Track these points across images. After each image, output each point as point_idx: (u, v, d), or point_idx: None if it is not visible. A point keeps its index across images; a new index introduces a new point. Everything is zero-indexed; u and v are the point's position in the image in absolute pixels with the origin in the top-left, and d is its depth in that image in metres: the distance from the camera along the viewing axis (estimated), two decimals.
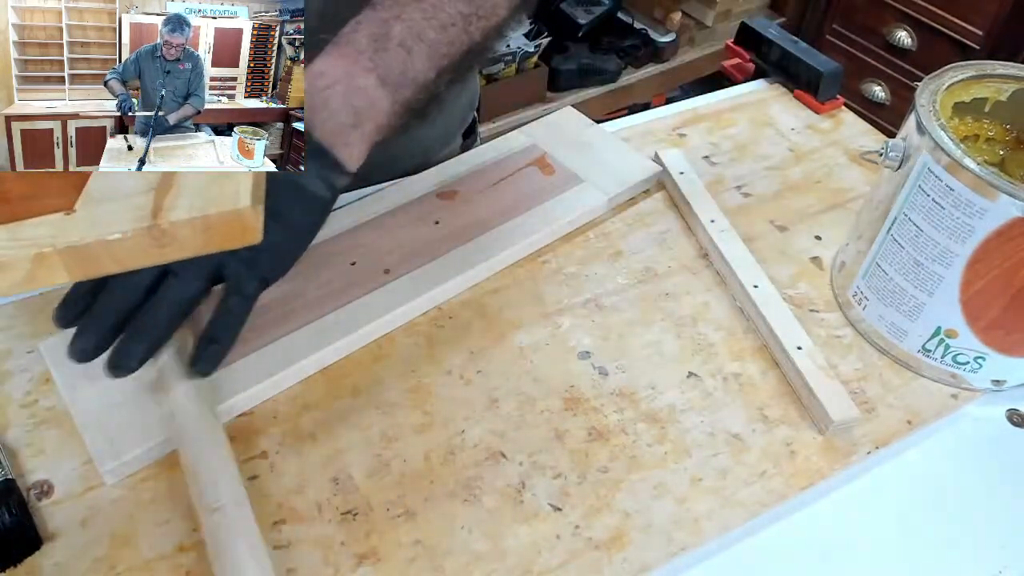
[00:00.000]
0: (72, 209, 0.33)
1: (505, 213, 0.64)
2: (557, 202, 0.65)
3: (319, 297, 0.56)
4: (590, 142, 0.71)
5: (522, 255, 0.63)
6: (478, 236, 0.62)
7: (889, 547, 0.48)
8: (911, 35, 1.83)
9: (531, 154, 0.70)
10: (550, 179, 0.67)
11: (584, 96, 1.90)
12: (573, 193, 0.66)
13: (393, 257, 0.60)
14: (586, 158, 0.69)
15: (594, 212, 0.66)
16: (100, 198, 0.33)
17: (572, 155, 0.69)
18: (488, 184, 0.67)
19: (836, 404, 0.51)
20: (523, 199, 0.65)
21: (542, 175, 0.68)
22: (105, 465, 0.47)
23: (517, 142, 0.71)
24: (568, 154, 0.69)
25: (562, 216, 0.64)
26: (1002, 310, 0.51)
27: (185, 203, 0.34)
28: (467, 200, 0.65)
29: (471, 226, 0.63)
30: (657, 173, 0.69)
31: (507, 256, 0.62)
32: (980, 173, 0.47)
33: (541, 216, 0.64)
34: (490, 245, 0.61)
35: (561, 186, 0.66)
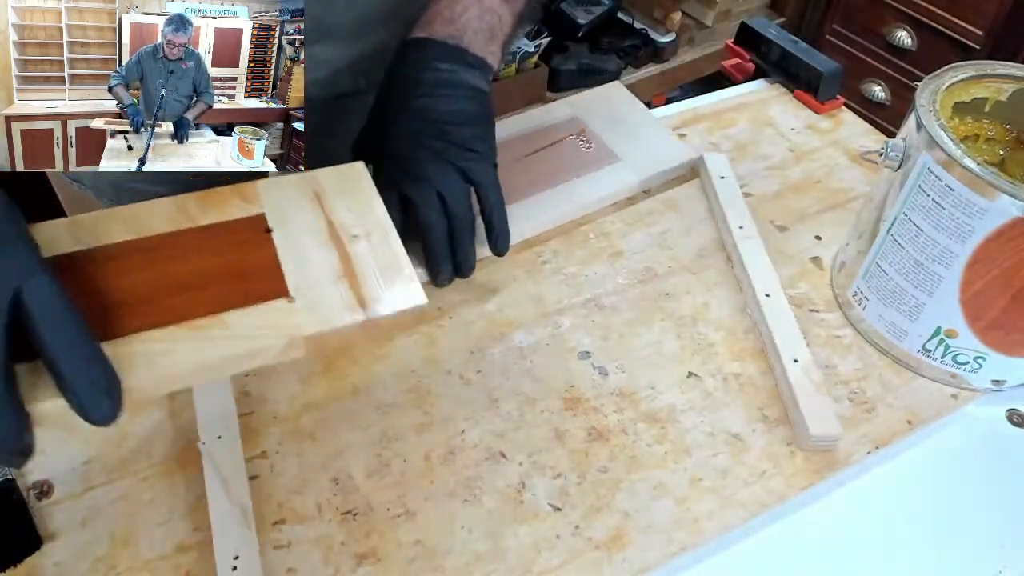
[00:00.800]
0: (291, 298, 0.40)
1: (536, 184, 0.66)
2: (590, 179, 0.67)
3: None
4: (632, 120, 0.72)
5: (549, 227, 0.65)
6: (511, 205, 0.62)
7: (889, 547, 0.48)
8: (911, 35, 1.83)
9: (571, 127, 0.71)
10: (587, 153, 0.69)
11: None
12: (607, 171, 0.67)
13: None
14: (625, 136, 0.70)
15: (626, 192, 0.67)
16: (304, 284, 0.40)
17: (611, 131, 0.70)
18: (524, 153, 0.68)
19: (818, 419, 0.51)
20: (557, 172, 0.67)
21: (580, 148, 0.69)
22: None
23: (559, 113, 0.72)
24: (607, 130, 0.70)
25: (593, 193, 0.66)
26: (1002, 310, 0.51)
27: (385, 297, 0.41)
28: (503, 167, 0.65)
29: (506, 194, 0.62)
30: (693, 160, 0.70)
31: (531, 228, 0.63)
32: (980, 173, 0.47)
33: (572, 192, 0.66)
34: (517, 215, 0.62)
35: (596, 162, 0.68)
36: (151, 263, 0.40)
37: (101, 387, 0.34)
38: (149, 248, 0.40)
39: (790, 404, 0.53)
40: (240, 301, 0.39)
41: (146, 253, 0.40)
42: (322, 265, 0.42)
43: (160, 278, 0.39)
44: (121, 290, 0.38)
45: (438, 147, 0.55)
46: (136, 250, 0.40)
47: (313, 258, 0.42)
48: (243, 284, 0.40)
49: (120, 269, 0.39)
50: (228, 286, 0.39)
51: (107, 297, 0.37)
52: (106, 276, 0.38)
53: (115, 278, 0.38)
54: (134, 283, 0.39)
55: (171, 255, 0.40)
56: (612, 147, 0.69)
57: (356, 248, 0.43)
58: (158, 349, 0.36)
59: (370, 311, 0.40)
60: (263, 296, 0.39)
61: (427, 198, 0.55)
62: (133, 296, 0.38)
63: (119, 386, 0.34)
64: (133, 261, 0.40)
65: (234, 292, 0.39)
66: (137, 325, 0.37)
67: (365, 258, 0.43)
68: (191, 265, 0.40)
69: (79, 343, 0.33)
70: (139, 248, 0.40)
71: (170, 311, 0.38)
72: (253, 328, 0.38)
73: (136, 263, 0.40)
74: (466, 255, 0.57)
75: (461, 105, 0.56)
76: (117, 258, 0.39)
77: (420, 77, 0.56)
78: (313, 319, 0.39)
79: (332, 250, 0.43)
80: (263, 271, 0.41)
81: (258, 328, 0.38)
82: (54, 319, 0.33)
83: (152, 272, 0.39)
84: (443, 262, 0.57)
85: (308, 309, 0.39)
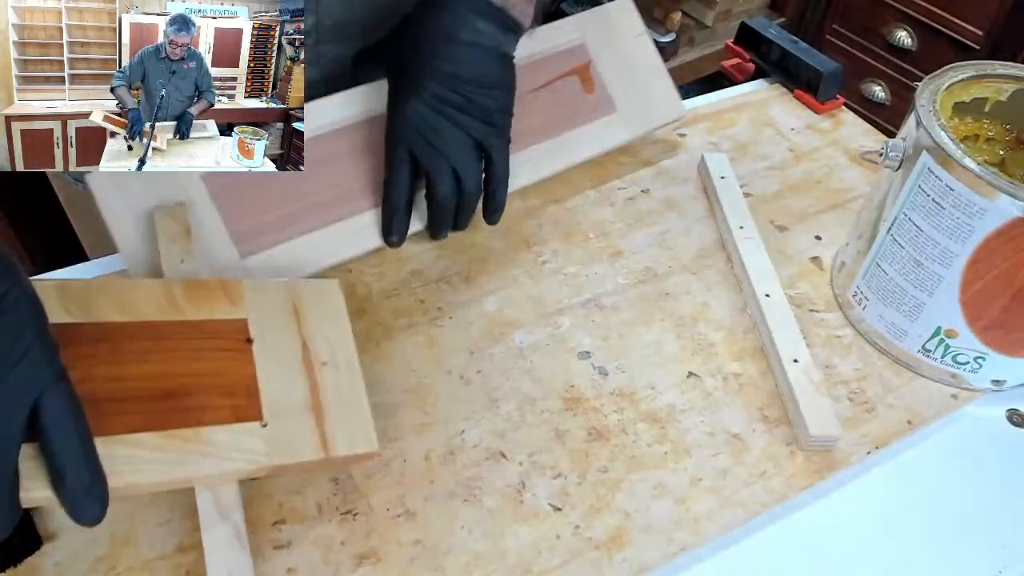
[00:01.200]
0: (264, 421, 0.42)
1: (536, 135, 0.66)
2: (585, 131, 0.67)
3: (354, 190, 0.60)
4: (634, 59, 0.71)
5: (535, 179, 0.66)
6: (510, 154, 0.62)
7: (889, 547, 0.48)
8: (911, 35, 1.83)
9: (576, 58, 0.69)
10: (586, 100, 0.68)
11: None
12: (601, 123, 0.68)
13: None
14: (625, 80, 0.70)
15: (614, 147, 0.69)
16: (276, 409, 0.43)
17: (613, 71, 0.70)
18: (527, 88, 0.65)
19: (818, 419, 0.51)
20: (557, 120, 0.67)
21: (580, 94, 0.68)
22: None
23: (566, 36, 0.69)
24: (609, 66, 0.70)
25: (586, 149, 0.67)
26: (1002, 310, 0.51)
27: (344, 439, 0.44)
28: None
29: None
30: (682, 116, 0.71)
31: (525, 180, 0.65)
32: (980, 173, 0.47)
33: (567, 144, 0.67)
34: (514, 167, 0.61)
35: (593, 111, 0.68)
36: (140, 356, 0.42)
37: (95, 494, 0.36)
38: (137, 336, 0.42)
39: (790, 404, 0.53)
40: (219, 417, 0.41)
41: (135, 343, 0.42)
42: (293, 392, 0.45)
43: (148, 376, 0.41)
44: (111, 381, 0.40)
45: (460, 119, 0.55)
46: (125, 336, 0.42)
47: (286, 382, 0.45)
48: (223, 399, 0.42)
49: (110, 356, 0.41)
50: (210, 398, 0.42)
51: (97, 386, 0.39)
52: (97, 361, 0.40)
53: (105, 365, 0.40)
54: (124, 375, 0.41)
55: (158, 349, 0.42)
56: (611, 93, 0.69)
57: (324, 377, 0.46)
58: (143, 456, 0.39)
59: (330, 451, 0.44)
60: (240, 415, 0.42)
61: (443, 174, 0.56)
62: (122, 392, 0.40)
63: (107, 491, 0.36)
64: (123, 350, 0.41)
65: (215, 405, 0.42)
66: (125, 426, 0.39)
67: (331, 390, 0.46)
68: (177, 367, 0.42)
69: (83, 454, 0.36)
70: (128, 334, 0.42)
71: (155, 415, 0.40)
72: (228, 448, 0.41)
73: (126, 353, 0.41)
74: (465, 222, 0.60)
75: (491, 73, 0.56)
76: (107, 340, 0.41)
77: (455, 34, 0.55)
78: (280, 451, 0.42)
79: (303, 377, 0.45)
80: (242, 388, 0.43)
81: (233, 450, 0.41)
82: (66, 429, 0.35)
83: (141, 368, 0.41)
84: (444, 228, 0.60)
85: (276, 438, 0.42)
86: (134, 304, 0.43)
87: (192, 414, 0.41)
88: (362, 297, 0.59)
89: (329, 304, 0.49)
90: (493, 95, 0.56)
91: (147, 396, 0.40)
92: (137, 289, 0.44)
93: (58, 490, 0.35)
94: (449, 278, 0.60)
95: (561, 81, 0.68)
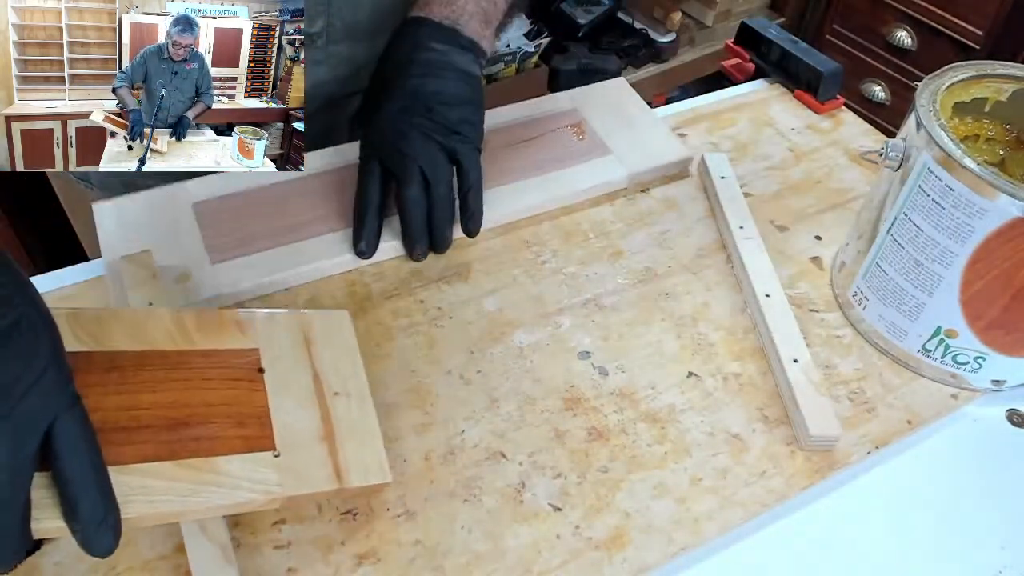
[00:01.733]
0: (276, 451, 0.42)
1: (520, 171, 0.67)
2: (577, 170, 0.67)
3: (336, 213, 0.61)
4: (630, 116, 0.72)
5: (527, 215, 0.65)
6: (494, 188, 0.64)
7: (889, 547, 0.48)
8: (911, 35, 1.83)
9: (569, 118, 0.72)
10: (578, 144, 0.69)
11: None
12: (595, 163, 0.68)
13: None
14: (621, 131, 0.71)
15: (612, 186, 0.68)
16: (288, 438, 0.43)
17: (608, 126, 0.71)
18: (519, 140, 0.69)
19: (818, 419, 0.51)
20: (548, 161, 0.68)
21: (572, 139, 0.70)
22: None
23: (560, 104, 0.73)
24: (605, 124, 0.71)
25: (576, 184, 0.66)
26: (1002, 310, 0.51)
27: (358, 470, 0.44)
28: (493, 152, 0.67)
29: (495, 176, 0.65)
30: (685, 160, 0.70)
31: (506, 214, 0.64)
32: (980, 173, 0.47)
33: (556, 181, 0.66)
34: (501, 200, 0.64)
35: (586, 154, 0.69)
36: (152, 386, 0.41)
37: (109, 525, 0.35)
38: (149, 365, 0.42)
39: (790, 404, 0.53)
40: (232, 447, 0.41)
41: (147, 372, 0.41)
42: (305, 421, 0.44)
43: (160, 405, 0.41)
44: (123, 410, 0.40)
45: (426, 126, 0.57)
46: (137, 365, 0.41)
47: (298, 412, 0.44)
48: (236, 429, 0.42)
49: (121, 384, 0.40)
50: (222, 427, 0.41)
51: (109, 415, 0.39)
52: (108, 390, 0.40)
53: (117, 394, 0.40)
54: (136, 404, 0.40)
55: (170, 379, 0.42)
56: (607, 140, 0.69)
57: (337, 407, 0.46)
58: (155, 486, 0.38)
59: (344, 481, 0.43)
60: (252, 445, 0.42)
61: (411, 176, 0.56)
62: (134, 420, 0.40)
63: (120, 522, 0.36)
64: (134, 379, 0.41)
65: (227, 436, 0.41)
66: (138, 455, 0.38)
67: (343, 420, 0.45)
68: (189, 396, 0.42)
69: (97, 483, 0.35)
70: (139, 363, 0.42)
71: (168, 445, 0.39)
72: (241, 479, 0.40)
73: (137, 382, 0.41)
74: (443, 233, 0.60)
75: (451, 86, 0.58)
76: (118, 369, 0.41)
77: (414, 56, 0.58)
78: (293, 481, 0.41)
79: (315, 406, 0.45)
80: (254, 418, 0.43)
81: (245, 480, 0.40)
82: (80, 456, 0.34)
83: (153, 397, 0.41)
84: (419, 239, 0.59)
85: (290, 468, 0.42)
86: (146, 333, 0.43)
87: (204, 444, 0.40)
88: (362, 297, 0.59)
89: (340, 334, 0.49)
90: (456, 109, 0.58)
91: (159, 425, 0.40)
92: (149, 318, 0.44)
93: (70, 521, 0.34)
94: (449, 278, 0.60)
95: (554, 132, 0.70)
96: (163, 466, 0.39)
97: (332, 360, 0.47)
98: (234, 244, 0.59)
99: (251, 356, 0.45)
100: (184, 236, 0.59)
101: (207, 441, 0.41)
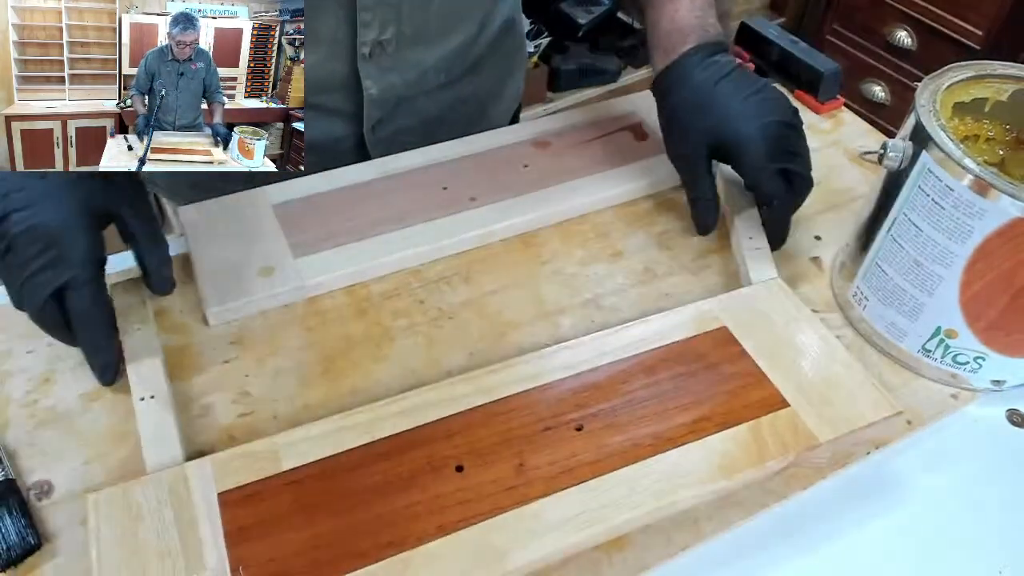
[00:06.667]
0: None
1: (593, 167, 0.69)
2: (644, 165, 0.69)
3: (410, 211, 0.63)
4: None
5: (600, 207, 0.67)
6: (566, 182, 0.67)
7: (889, 547, 0.48)
8: (911, 35, 1.83)
9: (628, 119, 0.74)
10: (641, 144, 0.71)
11: (584, 96, 1.89)
12: (661, 160, 0.68)
13: (481, 188, 0.66)
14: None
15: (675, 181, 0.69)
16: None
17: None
18: (582, 140, 0.72)
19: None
20: (613, 157, 0.70)
21: (634, 140, 0.72)
22: (211, 308, 0.56)
23: (617, 108, 0.75)
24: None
25: (645, 178, 0.68)
26: (1002, 310, 0.51)
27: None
28: (559, 150, 0.70)
29: (559, 172, 0.68)
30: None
31: (587, 203, 0.66)
32: (980, 173, 0.47)
33: (627, 175, 0.68)
34: (574, 192, 0.66)
35: (650, 152, 0.70)
36: None
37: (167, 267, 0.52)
38: None
39: None
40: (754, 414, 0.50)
41: None
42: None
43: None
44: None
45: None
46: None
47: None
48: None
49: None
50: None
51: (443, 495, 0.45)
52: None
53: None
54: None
55: None
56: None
57: None
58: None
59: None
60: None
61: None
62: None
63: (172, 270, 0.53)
64: None
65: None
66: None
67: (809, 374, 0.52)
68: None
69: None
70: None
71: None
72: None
73: None
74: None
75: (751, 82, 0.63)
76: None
77: (731, 80, 0.62)
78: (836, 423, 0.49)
79: None
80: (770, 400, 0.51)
81: None
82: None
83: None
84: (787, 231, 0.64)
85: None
86: None
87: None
88: (361, 298, 0.59)
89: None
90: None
91: None
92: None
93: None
94: (449, 278, 0.60)
95: (614, 133, 0.72)
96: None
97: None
98: (314, 240, 0.61)
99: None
100: (267, 234, 0.61)
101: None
